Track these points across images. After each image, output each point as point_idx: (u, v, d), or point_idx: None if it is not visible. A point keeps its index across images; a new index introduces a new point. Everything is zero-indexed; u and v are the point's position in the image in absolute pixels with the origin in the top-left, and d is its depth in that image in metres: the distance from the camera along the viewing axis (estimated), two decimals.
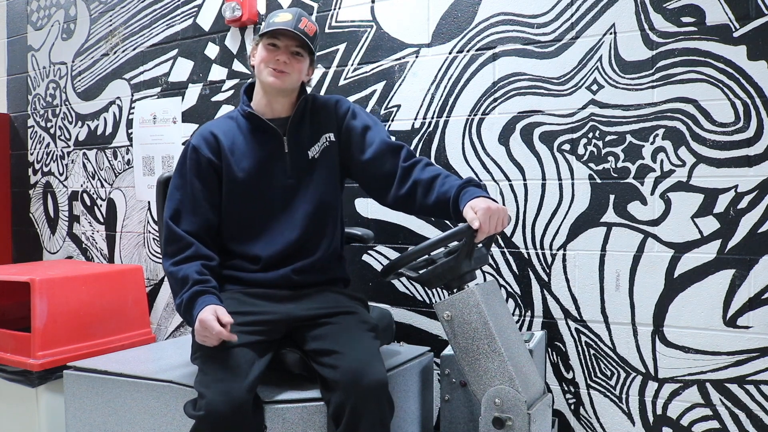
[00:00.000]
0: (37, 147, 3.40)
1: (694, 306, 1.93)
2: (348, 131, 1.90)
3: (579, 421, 2.11)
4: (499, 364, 1.59)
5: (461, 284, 1.69)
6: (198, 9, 2.80)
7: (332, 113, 1.92)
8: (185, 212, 1.80)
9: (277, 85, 1.82)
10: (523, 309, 2.17)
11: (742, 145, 1.86)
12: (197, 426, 1.56)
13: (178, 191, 1.83)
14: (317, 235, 1.85)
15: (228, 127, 1.89)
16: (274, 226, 1.84)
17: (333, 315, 1.75)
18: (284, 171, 1.85)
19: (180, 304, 1.69)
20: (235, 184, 1.83)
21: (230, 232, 1.86)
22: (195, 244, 1.76)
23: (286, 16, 1.82)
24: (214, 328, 1.56)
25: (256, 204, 1.84)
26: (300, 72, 1.85)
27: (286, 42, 1.82)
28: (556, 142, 2.10)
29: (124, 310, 2.73)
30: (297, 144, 1.87)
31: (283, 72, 1.81)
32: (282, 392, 1.70)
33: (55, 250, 3.35)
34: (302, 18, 1.83)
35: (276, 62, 1.81)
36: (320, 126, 1.90)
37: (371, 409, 1.56)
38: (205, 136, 1.87)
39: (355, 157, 1.89)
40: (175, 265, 1.74)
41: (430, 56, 2.29)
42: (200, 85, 2.80)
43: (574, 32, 2.06)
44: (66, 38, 3.27)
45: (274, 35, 1.81)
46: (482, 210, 1.59)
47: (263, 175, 1.84)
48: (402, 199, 1.83)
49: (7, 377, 2.47)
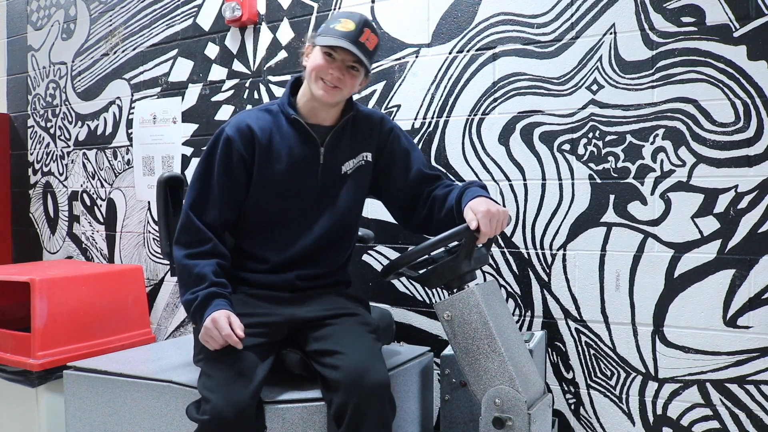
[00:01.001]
0: (37, 147, 3.40)
1: (694, 306, 1.93)
2: (390, 154, 1.87)
3: (579, 421, 2.11)
4: (499, 364, 1.59)
5: (461, 284, 1.69)
6: (198, 9, 2.80)
7: (375, 132, 1.87)
8: (207, 204, 1.74)
9: (326, 99, 1.72)
10: (523, 309, 2.17)
11: (742, 145, 1.86)
12: (200, 430, 1.56)
13: (202, 181, 1.76)
14: (330, 248, 1.84)
15: (266, 123, 1.79)
16: (290, 232, 1.80)
17: (335, 317, 1.75)
18: (315, 181, 1.80)
19: (192, 300, 1.65)
20: (263, 185, 1.77)
21: (247, 231, 1.82)
22: (213, 240, 1.72)
23: (348, 25, 1.69)
24: (224, 329, 1.56)
25: (279, 209, 1.79)
26: (353, 87, 1.76)
27: (343, 56, 1.70)
28: (556, 142, 2.10)
29: (124, 310, 2.73)
30: (333, 157, 1.81)
31: (336, 87, 1.72)
32: (282, 392, 1.70)
33: (55, 250, 3.35)
34: (365, 30, 1.70)
35: (330, 76, 1.70)
36: (360, 142, 1.85)
37: (374, 409, 1.56)
38: (241, 129, 1.76)
39: (393, 181, 1.87)
40: (190, 258, 1.70)
41: (430, 56, 2.29)
42: (200, 85, 2.80)
43: (574, 32, 2.06)
44: (66, 38, 3.27)
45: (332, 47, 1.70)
46: (482, 213, 1.59)
47: (293, 181, 1.78)
48: (423, 221, 1.85)
49: (7, 377, 2.47)
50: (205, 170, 1.77)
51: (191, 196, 1.76)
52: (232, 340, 1.57)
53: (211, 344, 1.61)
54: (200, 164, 1.78)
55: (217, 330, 1.58)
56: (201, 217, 1.73)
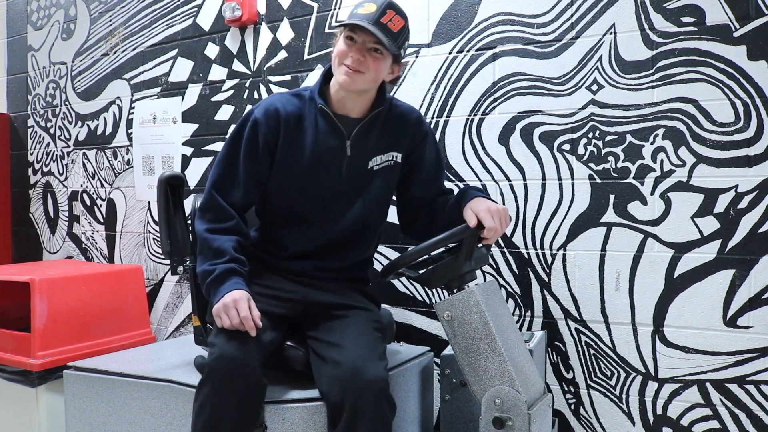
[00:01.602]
0: (37, 147, 3.40)
1: (694, 306, 1.93)
2: (419, 160, 1.84)
3: (579, 421, 2.11)
4: (499, 364, 1.59)
5: (461, 284, 1.69)
6: (198, 9, 2.80)
7: (408, 131, 1.82)
8: (230, 184, 1.74)
9: (348, 84, 1.67)
10: (523, 309, 2.17)
11: (742, 145, 1.86)
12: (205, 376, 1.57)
13: (227, 161, 1.75)
14: (350, 245, 1.83)
15: (295, 108, 1.76)
16: (312, 225, 1.79)
17: (348, 308, 1.75)
18: (339, 174, 1.77)
19: (210, 272, 1.65)
20: (285, 172, 1.76)
21: (269, 216, 1.82)
22: (236, 218, 1.72)
23: (370, 7, 1.65)
24: (243, 311, 1.57)
25: (301, 198, 1.77)
26: (377, 71, 1.68)
27: (364, 37, 1.65)
28: (556, 142, 2.10)
29: (124, 310, 2.73)
30: (361, 150, 1.77)
31: (357, 71, 1.66)
32: (283, 392, 1.70)
33: (55, 250, 3.35)
34: (387, 11, 1.64)
35: (350, 59, 1.66)
36: (392, 140, 1.81)
37: (370, 407, 1.55)
38: (269, 112, 1.74)
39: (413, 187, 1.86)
40: (211, 232, 1.70)
41: (430, 56, 2.29)
42: (200, 85, 2.80)
43: (574, 32, 2.06)
44: (66, 38, 3.27)
45: (353, 29, 1.66)
46: (483, 210, 1.59)
47: (316, 173, 1.75)
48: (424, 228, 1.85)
49: (7, 377, 2.47)
50: (230, 151, 1.76)
51: (215, 174, 1.76)
52: (248, 323, 1.57)
53: (224, 320, 1.59)
54: (227, 144, 1.78)
55: (236, 310, 1.58)
56: (224, 197, 1.73)
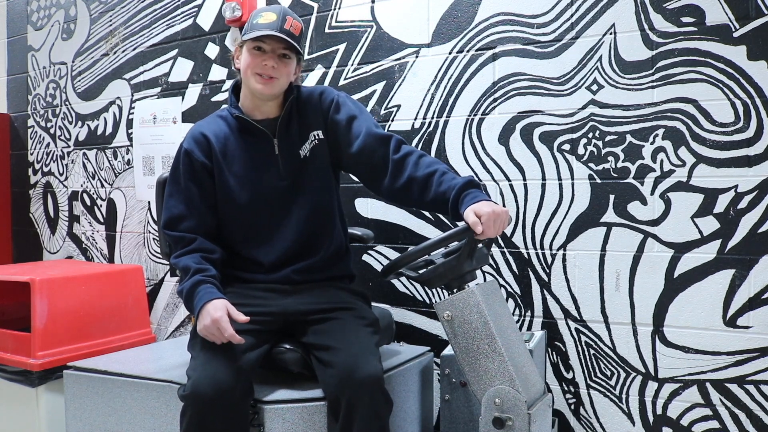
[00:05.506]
0: (37, 147, 3.40)
1: (694, 306, 1.93)
2: (334, 125, 1.86)
3: (579, 421, 2.11)
4: (500, 364, 1.59)
5: (461, 284, 1.69)
6: (198, 9, 2.80)
7: (317, 108, 1.87)
8: (182, 218, 1.79)
9: (266, 92, 1.76)
10: (523, 309, 2.17)
11: (742, 145, 1.86)
12: (183, 407, 1.58)
13: (172, 198, 1.82)
14: (317, 235, 1.85)
15: (219, 127, 1.85)
16: (272, 230, 1.82)
17: (331, 311, 1.76)
18: (277, 173, 1.82)
19: (181, 292, 1.71)
20: (228, 188, 1.81)
21: (231, 235, 1.84)
22: (197, 238, 1.76)
23: (270, 17, 1.74)
24: (226, 330, 1.58)
25: (251, 208, 1.81)
26: (289, 74, 1.79)
27: (273, 45, 1.75)
28: (556, 142, 2.10)
29: (124, 310, 2.73)
30: (288, 144, 1.83)
31: (272, 78, 1.75)
32: (282, 392, 1.70)
33: (55, 250, 3.35)
34: (287, 17, 1.75)
35: (264, 68, 1.74)
36: (307, 123, 1.86)
37: (364, 403, 1.56)
38: (196, 138, 1.83)
39: (343, 150, 1.85)
40: (177, 257, 1.75)
41: (430, 56, 2.29)
42: (200, 85, 2.80)
43: (574, 32, 2.06)
44: (66, 38, 3.27)
45: (262, 38, 1.74)
46: (486, 215, 1.59)
47: (256, 178, 1.81)
48: (397, 193, 1.80)
49: (7, 377, 2.47)
50: (172, 188, 1.83)
51: (165, 215, 1.81)
52: (235, 340, 1.59)
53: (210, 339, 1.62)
54: (168, 184, 1.84)
55: (219, 331, 1.59)
56: (179, 230, 1.78)
